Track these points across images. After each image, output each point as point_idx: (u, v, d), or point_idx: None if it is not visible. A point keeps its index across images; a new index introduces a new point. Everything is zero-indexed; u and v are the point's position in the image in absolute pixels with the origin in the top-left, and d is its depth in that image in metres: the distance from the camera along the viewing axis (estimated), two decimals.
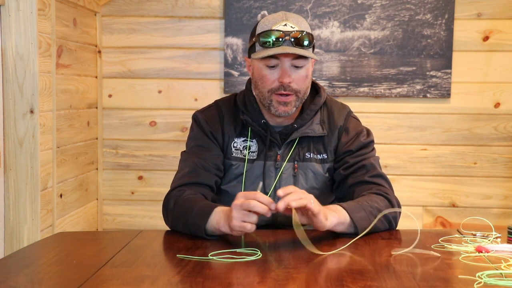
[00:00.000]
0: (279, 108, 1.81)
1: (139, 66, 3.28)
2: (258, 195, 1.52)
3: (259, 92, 1.84)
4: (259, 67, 1.81)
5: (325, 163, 1.88)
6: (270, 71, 1.79)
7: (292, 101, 1.80)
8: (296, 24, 1.79)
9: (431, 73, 3.20)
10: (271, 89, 1.80)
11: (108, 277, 1.33)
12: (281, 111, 1.81)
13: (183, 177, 1.84)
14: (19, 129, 2.46)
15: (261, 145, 1.88)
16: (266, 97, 1.81)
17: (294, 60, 1.78)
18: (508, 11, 3.20)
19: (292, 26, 1.77)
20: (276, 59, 1.78)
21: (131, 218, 3.34)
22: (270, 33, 1.76)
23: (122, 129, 3.31)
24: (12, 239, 2.47)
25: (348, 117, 1.93)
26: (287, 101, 1.80)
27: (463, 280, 1.31)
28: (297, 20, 1.81)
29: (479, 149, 3.26)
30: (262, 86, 1.81)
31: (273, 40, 1.76)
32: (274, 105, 1.81)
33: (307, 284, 1.29)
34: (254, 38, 1.82)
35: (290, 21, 1.79)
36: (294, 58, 1.78)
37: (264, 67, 1.80)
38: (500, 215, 3.26)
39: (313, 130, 1.87)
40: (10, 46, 2.43)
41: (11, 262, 1.47)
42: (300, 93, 1.81)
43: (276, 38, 1.75)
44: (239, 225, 1.53)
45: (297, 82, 1.79)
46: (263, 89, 1.81)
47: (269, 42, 1.76)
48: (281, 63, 1.78)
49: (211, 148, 1.88)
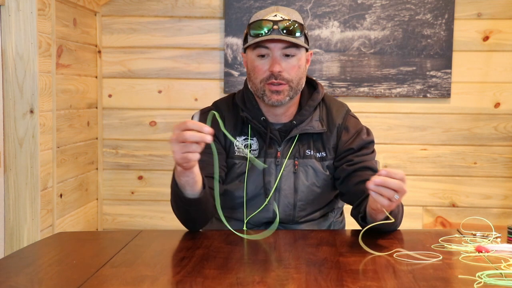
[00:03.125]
0: (272, 97, 1.82)
1: (139, 66, 3.28)
2: (189, 124, 1.50)
3: (252, 84, 1.86)
4: (252, 59, 1.84)
5: (324, 161, 1.88)
6: (261, 61, 1.81)
7: (284, 90, 1.81)
8: (287, 15, 1.82)
9: (431, 73, 3.20)
10: (263, 79, 1.81)
11: (108, 277, 1.33)
12: (274, 99, 1.82)
13: None
14: (19, 129, 2.46)
15: (261, 143, 1.89)
16: (259, 88, 1.83)
17: (285, 49, 1.80)
18: (508, 11, 3.20)
19: (282, 16, 1.80)
20: (266, 49, 1.80)
21: (131, 218, 3.34)
22: (260, 23, 1.79)
23: (122, 129, 3.31)
24: (12, 239, 2.47)
25: (347, 115, 1.93)
26: (279, 90, 1.81)
27: (463, 280, 1.31)
28: (288, 12, 1.84)
29: (479, 149, 3.26)
30: (254, 77, 1.84)
31: (263, 29, 1.78)
32: (267, 95, 1.82)
33: (307, 284, 1.29)
34: (245, 30, 1.86)
35: (280, 12, 1.82)
36: (285, 47, 1.80)
37: (256, 57, 1.82)
38: (500, 215, 3.26)
39: (313, 127, 1.87)
40: (10, 46, 2.43)
41: (11, 262, 1.47)
42: (293, 83, 1.82)
43: (265, 27, 1.78)
44: (181, 158, 1.52)
45: (288, 71, 1.81)
46: (256, 80, 1.83)
47: (259, 32, 1.79)
48: (272, 52, 1.80)
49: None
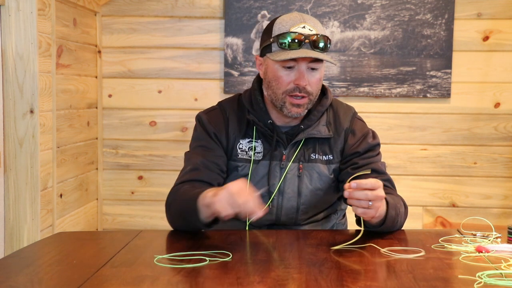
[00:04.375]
0: (292, 110, 1.81)
1: (139, 66, 3.28)
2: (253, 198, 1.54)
3: (272, 93, 1.83)
4: (274, 68, 1.81)
5: (330, 164, 1.88)
6: (286, 72, 1.80)
7: (305, 103, 1.81)
8: (314, 26, 1.79)
9: (431, 73, 3.20)
10: (286, 91, 1.80)
11: (108, 277, 1.33)
12: (294, 112, 1.82)
13: (185, 174, 1.85)
14: (19, 129, 2.46)
15: (267, 145, 1.88)
16: (279, 99, 1.82)
17: (311, 63, 1.79)
18: (508, 11, 3.20)
19: (310, 28, 1.78)
20: (294, 61, 1.78)
21: (131, 218, 3.34)
22: (288, 35, 1.77)
23: (122, 129, 3.31)
24: (12, 239, 2.47)
25: (354, 118, 1.93)
26: (300, 103, 1.81)
27: (463, 280, 1.31)
28: (314, 23, 1.81)
29: (479, 149, 3.26)
30: (276, 87, 1.81)
31: (293, 42, 1.76)
32: (287, 107, 1.81)
33: (307, 284, 1.29)
34: (271, 38, 1.81)
35: (308, 23, 1.79)
36: (311, 61, 1.78)
37: (280, 68, 1.80)
38: (500, 215, 3.26)
39: (320, 132, 1.87)
40: (10, 46, 2.43)
41: (11, 262, 1.48)
42: (313, 96, 1.82)
43: (295, 40, 1.76)
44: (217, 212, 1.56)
45: (312, 85, 1.80)
46: (278, 90, 1.81)
47: (288, 44, 1.77)
48: (298, 65, 1.78)
49: (214, 149, 1.88)
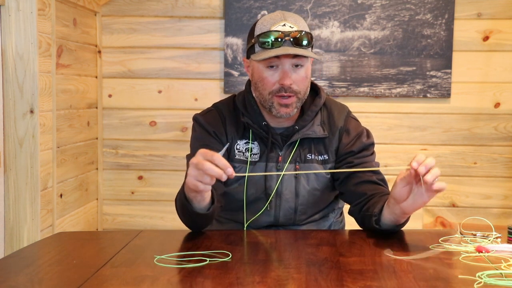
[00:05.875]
0: (280, 110, 1.80)
1: (139, 66, 3.28)
2: (215, 157, 1.48)
3: (259, 94, 1.83)
4: (259, 69, 1.80)
5: (326, 164, 1.88)
6: (270, 72, 1.78)
7: (293, 103, 1.79)
8: (295, 23, 1.78)
9: (431, 73, 3.20)
10: (272, 91, 1.79)
11: (108, 277, 1.33)
12: (283, 112, 1.80)
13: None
14: (19, 129, 2.46)
15: (263, 147, 1.87)
16: (267, 99, 1.80)
17: (294, 59, 1.77)
18: (508, 11, 3.20)
19: (291, 26, 1.77)
20: (277, 60, 1.77)
21: (131, 218, 3.34)
22: (269, 34, 1.75)
23: (122, 129, 3.31)
24: (12, 239, 2.47)
25: (348, 118, 1.92)
26: (288, 103, 1.79)
27: (463, 280, 1.31)
28: (295, 20, 1.80)
29: (479, 149, 3.26)
30: (262, 88, 1.80)
31: (273, 40, 1.74)
32: (276, 107, 1.80)
33: (307, 284, 1.29)
34: (253, 39, 1.81)
35: (288, 21, 1.78)
36: (294, 57, 1.77)
37: (264, 68, 1.78)
38: (500, 215, 3.26)
39: (314, 132, 1.86)
40: (10, 46, 2.43)
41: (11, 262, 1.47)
42: (301, 94, 1.81)
43: (275, 39, 1.74)
44: (192, 184, 1.52)
45: (298, 83, 1.78)
46: (264, 91, 1.80)
47: (269, 43, 1.75)
48: (281, 64, 1.77)
49: (216, 146, 1.85)
